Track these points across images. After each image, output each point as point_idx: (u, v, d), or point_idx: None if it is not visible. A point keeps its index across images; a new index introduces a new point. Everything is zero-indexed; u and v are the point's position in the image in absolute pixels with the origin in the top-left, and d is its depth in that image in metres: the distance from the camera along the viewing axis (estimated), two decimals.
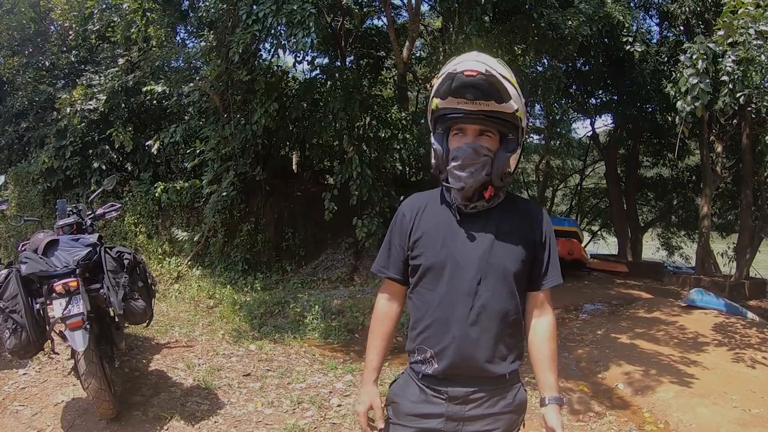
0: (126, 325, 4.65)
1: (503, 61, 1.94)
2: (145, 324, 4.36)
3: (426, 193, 2.16)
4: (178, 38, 12.66)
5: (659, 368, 6.54)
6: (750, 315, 9.47)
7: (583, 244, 18.13)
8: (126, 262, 4.04)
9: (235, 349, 6.67)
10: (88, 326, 3.67)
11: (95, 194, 5.82)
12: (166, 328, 7.16)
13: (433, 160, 2.01)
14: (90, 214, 5.04)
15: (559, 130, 18.01)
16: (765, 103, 7.93)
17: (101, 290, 3.86)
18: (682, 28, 15.53)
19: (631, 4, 12.63)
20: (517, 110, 1.87)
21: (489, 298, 1.93)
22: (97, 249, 3.95)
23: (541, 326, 2.07)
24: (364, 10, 14.64)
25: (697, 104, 6.01)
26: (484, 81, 1.78)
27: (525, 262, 1.98)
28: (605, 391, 6.20)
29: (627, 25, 9.68)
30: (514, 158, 1.96)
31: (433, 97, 1.92)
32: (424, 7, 13.17)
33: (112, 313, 4.13)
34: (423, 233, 2.02)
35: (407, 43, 11.55)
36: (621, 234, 20.71)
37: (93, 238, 4.18)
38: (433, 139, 1.98)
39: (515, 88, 1.86)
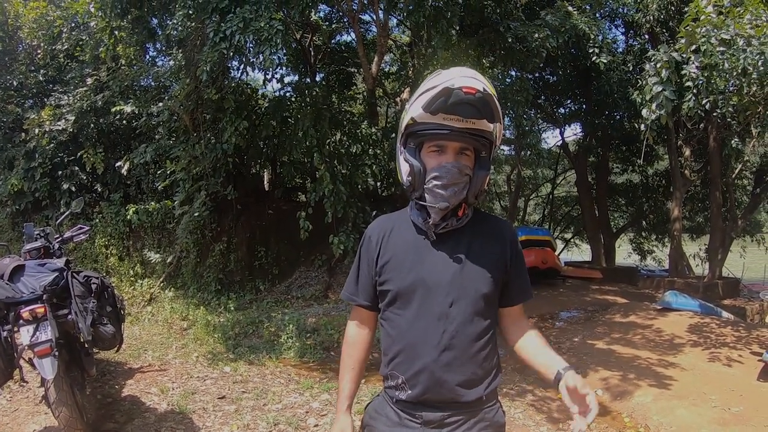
0: (96, 350, 4.56)
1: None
2: (115, 349, 4.28)
3: (392, 215, 2.10)
4: (147, 57, 12.57)
5: (637, 372, 6.58)
6: (725, 314, 9.61)
7: (556, 253, 18.26)
8: (94, 286, 3.97)
9: (209, 371, 6.57)
10: (56, 353, 3.58)
11: (63, 217, 5.77)
12: (139, 352, 7.05)
13: (407, 177, 1.90)
14: (58, 238, 4.94)
15: (529, 141, 18.18)
16: (730, 108, 8.07)
17: (69, 316, 3.77)
18: (647, 36, 15.85)
19: (597, 15, 12.80)
20: (493, 129, 1.83)
21: (461, 321, 1.87)
22: (64, 274, 3.87)
23: (525, 331, 2.01)
24: (333, 26, 14.66)
25: (661, 112, 6.09)
26: (481, 99, 1.72)
27: (496, 282, 1.92)
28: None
29: (593, 36, 9.81)
30: (488, 177, 1.92)
31: (415, 110, 1.81)
32: (393, 22, 13.19)
33: (81, 339, 4.04)
34: (391, 257, 1.96)
35: (376, 59, 11.58)
36: (594, 240, 20.94)
37: (60, 262, 4.09)
38: (407, 155, 1.88)
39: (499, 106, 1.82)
